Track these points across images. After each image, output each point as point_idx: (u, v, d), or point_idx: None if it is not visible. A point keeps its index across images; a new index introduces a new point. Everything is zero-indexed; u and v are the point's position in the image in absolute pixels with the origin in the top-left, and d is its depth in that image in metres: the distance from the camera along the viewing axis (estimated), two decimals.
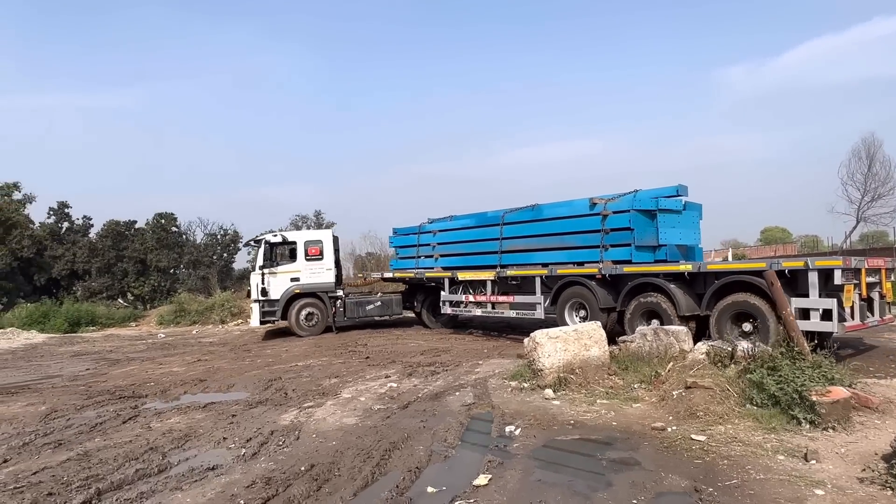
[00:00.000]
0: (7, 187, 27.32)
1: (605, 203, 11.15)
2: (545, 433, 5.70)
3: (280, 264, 15.47)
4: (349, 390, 8.15)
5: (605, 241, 11.10)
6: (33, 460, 5.60)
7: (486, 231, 13.91)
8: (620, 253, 10.90)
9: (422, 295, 16.30)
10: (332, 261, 15.73)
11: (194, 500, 4.38)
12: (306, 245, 15.61)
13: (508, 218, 13.26)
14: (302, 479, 4.70)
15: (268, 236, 15.62)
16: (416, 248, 15.99)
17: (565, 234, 11.93)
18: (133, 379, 10.11)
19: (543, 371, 7.66)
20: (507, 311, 13.04)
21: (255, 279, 15.17)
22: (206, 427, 6.52)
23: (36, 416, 7.42)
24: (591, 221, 11.42)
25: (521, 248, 12.93)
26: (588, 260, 11.41)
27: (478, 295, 13.70)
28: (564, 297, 11.63)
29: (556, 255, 12.08)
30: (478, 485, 4.39)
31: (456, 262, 14.64)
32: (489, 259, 13.56)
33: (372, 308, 16.04)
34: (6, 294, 26.49)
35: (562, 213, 12.22)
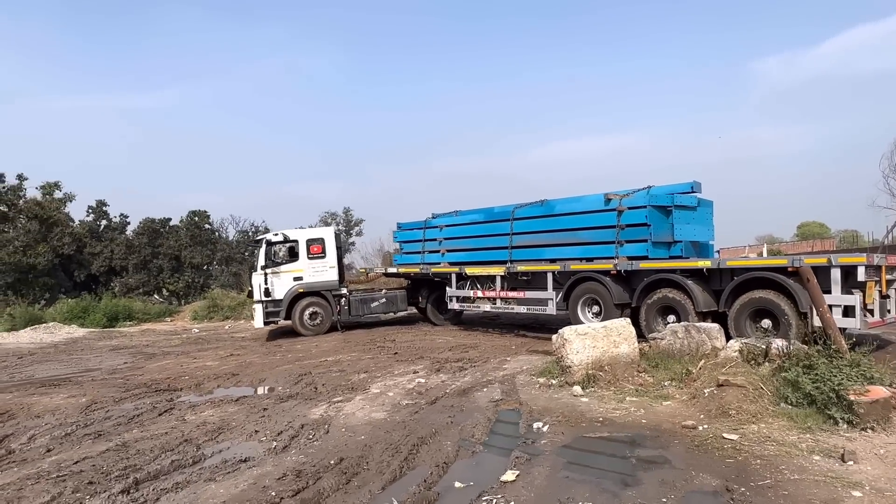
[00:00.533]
0: (49, 186, 28.20)
1: (620, 199, 11.11)
2: (573, 430, 5.67)
3: (282, 264, 15.17)
4: (378, 385, 8.23)
5: (620, 236, 11.06)
6: (75, 450, 5.80)
7: (495, 226, 13.81)
8: (636, 249, 10.85)
9: (426, 291, 16.21)
10: (335, 258, 15.52)
11: (227, 491, 4.49)
12: (308, 243, 15.35)
13: (519, 213, 13.20)
14: (331, 473, 4.77)
15: (268, 235, 15.42)
16: (421, 244, 15.86)
17: (578, 229, 11.92)
18: (168, 373, 10.37)
19: (572, 368, 7.61)
20: (518, 306, 12.99)
21: (258, 279, 14.90)
22: (238, 420, 6.66)
23: (77, 408, 7.68)
24: (605, 217, 11.41)
25: (531, 244, 12.85)
26: (602, 256, 11.38)
27: (486, 290, 13.63)
28: (577, 293, 11.64)
29: (569, 251, 12.03)
30: (505, 481, 4.40)
31: (463, 258, 14.55)
32: (498, 254, 13.48)
33: (377, 305, 15.89)
34: (48, 290, 27.40)
35: (575, 208, 12.16)
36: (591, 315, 11.50)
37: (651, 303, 10.36)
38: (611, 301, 10.87)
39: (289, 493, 4.35)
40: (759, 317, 9.07)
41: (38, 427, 6.77)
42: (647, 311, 10.38)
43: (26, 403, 8.16)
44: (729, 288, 9.40)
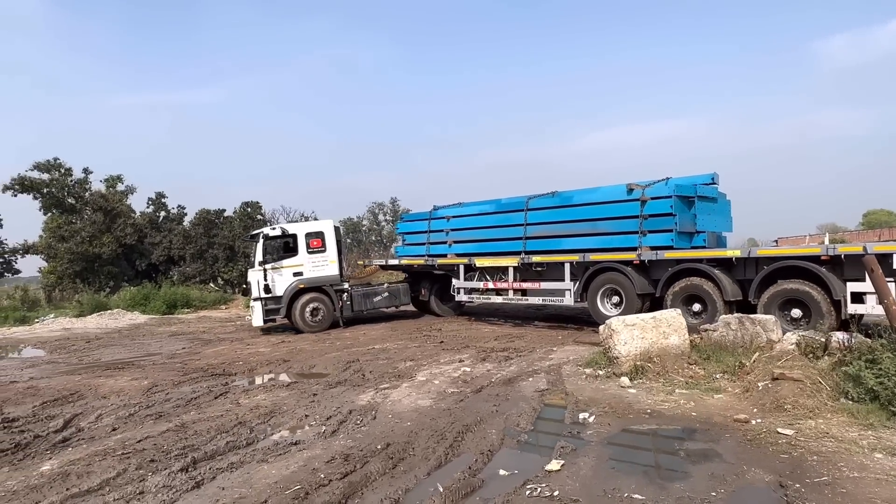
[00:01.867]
0: (112, 179, 29.55)
1: (643, 189, 11.01)
2: (620, 421, 5.60)
3: (280, 259, 14.44)
4: (424, 373, 8.32)
5: (643, 226, 10.93)
6: (137, 430, 6.11)
7: (507, 217, 13.62)
8: (659, 239, 10.74)
9: (428, 283, 15.97)
10: (335, 252, 14.82)
11: (279, 472, 4.64)
12: (307, 237, 14.58)
13: (533, 204, 13.04)
14: (378, 457, 4.87)
15: (265, 230, 14.71)
16: (426, 235, 15.60)
17: (598, 220, 11.79)
18: (223, 358, 10.76)
19: (619, 359, 7.50)
20: (532, 297, 12.84)
21: (256, 276, 14.13)
22: (289, 405, 6.86)
23: (139, 390, 8.07)
24: (627, 207, 11.24)
25: (547, 234, 12.68)
26: (623, 246, 11.26)
27: (498, 282, 13.44)
28: (596, 284, 11.54)
29: (587, 242, 11.88)
30: (550, 470, 4.39)
31: (473, 249, 14.28)
32: (511, 245, 13.28)
33: (379, 299, 15.42)
34: (112, 278, 28.78)
35: (593, 199, 12.07)
36: (611, 306, 11.46)
37: (675, 292, 10.31)
38: (633, 291, 10.83)
39: (337, 476, 4.46)
40: (790, 306, 9.01)
41: (104, 407, 7.16)
42: (672, 301, 10.30)
43: (93, 385, 8.62)
44: (759, 277, 9.35)
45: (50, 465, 5.10)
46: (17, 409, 7.26)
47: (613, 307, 11.36)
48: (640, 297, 10.84)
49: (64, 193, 27.96)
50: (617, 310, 11.19)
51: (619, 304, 11.25)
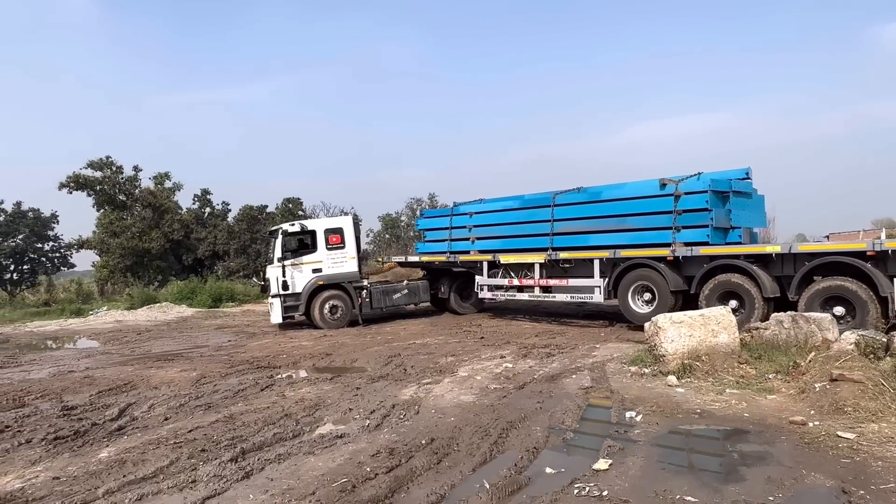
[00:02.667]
0: (160, 177, 30.49)
1: (676, 184, 10.78)
2: (668, 421, 5.46)
3: (299, 255, 14.25)
4: (465, 369, 8.30)
5: (677, 222, 10.69)
6: (188, 420, 6.27)
7: (532, 213, 13.37)
8: (694, 234, 10.52)
9: (447, 280, 15.68)
10: (354, 248, 14.64)
11: (325, 465, 4.70)
12: (326, 233, 14.35)
13: (560, 199, 12.81)
14: (423, 452, 4.87)
15: (284, 226, 14.48)
16: (447, 231, 15.35)
17: (628, 215, 11.57)
18: (268, 351, 10.98)
19: (666, 357, 7.33)
20: (560, 295, 12.59)
21: (275, 272, 13.86)
22: (333, 398, 6.94)
23: (188, 381, 8.30)
24: (659, 202, 11.01)
25: (575, 231, 12.44)
26: (654, 242, 11.05)
27: (523, 279, 13.20)
28: (627, 281, 11.33)
29: (617, 238, 11.67)
30: (598, 469, 4.32)
31: (497, 245, 14.04)
32: (537, 241, 13.03)
33: (399, 297, 15.18)
34: (161, 272, 29.72)
35: (624, 194, 11.82)
36: (642, 303, 11.26)
37: (711, 289, 10.08)
38: (666, 288, 10.63)
39: (383, 470, 4.49)
40: (832, 303, 8.76)
41: (156, 397, 7.38)
42: (707, 298, 10.06)
43: (145, 375, 8.91)
44: (801, 273, 9.08)
45: (107, 452, 5.29)
46: (76, 398, 7.56)
47: (645, 304, 11.19)
48: (674, 293, 10.64)
49: (115, 190, 28.97)
50: (648, 307, 11.04)
51: (650, 301, 11.07)
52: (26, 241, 31.51)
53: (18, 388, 8.34)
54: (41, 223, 31.84)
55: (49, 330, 17.58)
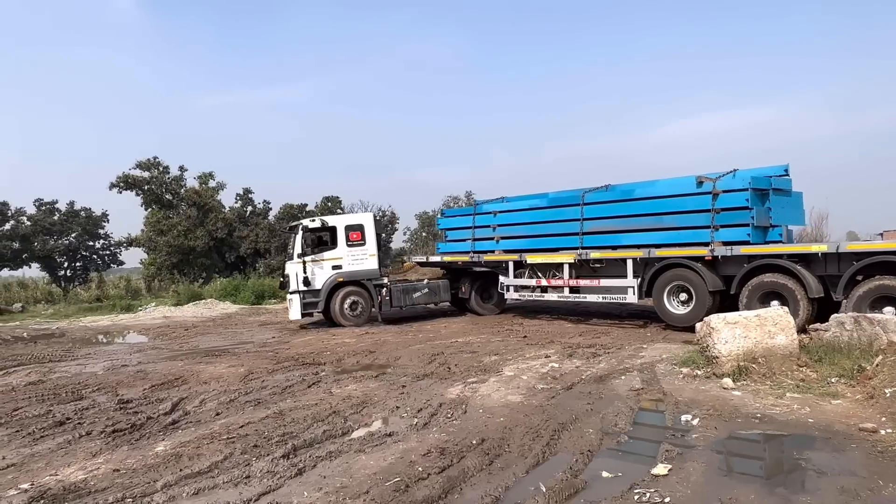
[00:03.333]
0: (205, 176, 31.20)
1: (714, 181, 10.50)
2: (727, 425, 5.27)
3: (320, 251, 14.06)
4: (510, 368, 8.21)
5: (715, 220, 10.42)
6: (239, 415, 6.36)
7: (561, 212, 13.06)
8: (734, 234, 10.28)
9: (468, 280, 15.34)
10: (375, 246, 14.49)
11: (377, 464, 4.68)
12: (347, 230, 14.23)
13: (589, 197, 12.52)
14: (474, 453, 4.81)
15: (305, 221, 14.39)
16: (471, 231, 15.05)
17: (663, 214, 11.28)
18: (312, 348, 11.09)
19: (719, 359, 7.10)
20: (591, 295, 12.31)
21: (295, 268, 13.81)
22: (379, 395, 6.94)
23: (237, 377, 8.43)
24: (696, 201, 10.76)
25: (606, 230, 12.15)
26: (691, 241, 10.76)
27: (551, 279, 12.92)
28: (662, 281, 11.06)
29: (651, 237, 11.40)
30: (657, 474, 4.18)
31: (523, 245, 13.72)
32: (566, 241, 12.73)
33: (419, 295, 14.99)
34: (205, 269, 30.44)
35: (658, 192, 11.57)
36: (678, 303, 11.02)
37: (752, 290, 9.85)
38: (704, 288, 10.38)
39: (435, 470, 4.44)
40: (882, 304, 8.45)
41: (206, 392, 7.52)
42: (748, 298, 9.82)
43: (195, 371, 9.10)
44: (849, 273, 8.82)
45: (163, 446, 5.39)
46: (130, 392, 7.76)
47: (681, 305, 10.96)
48: (712, 294, 10.39)
49: (162, 190, 29.77)
50: (685, 308, 10.84)
51: (686, 301, 10.85)
52: (79, 240, 32.67)
53: (76, 382, 8.61)
54: (92, 222, 32.96)
55: (101, 325, 18.18)
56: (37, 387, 8.39)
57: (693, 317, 10.51)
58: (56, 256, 31.67)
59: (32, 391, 8.06)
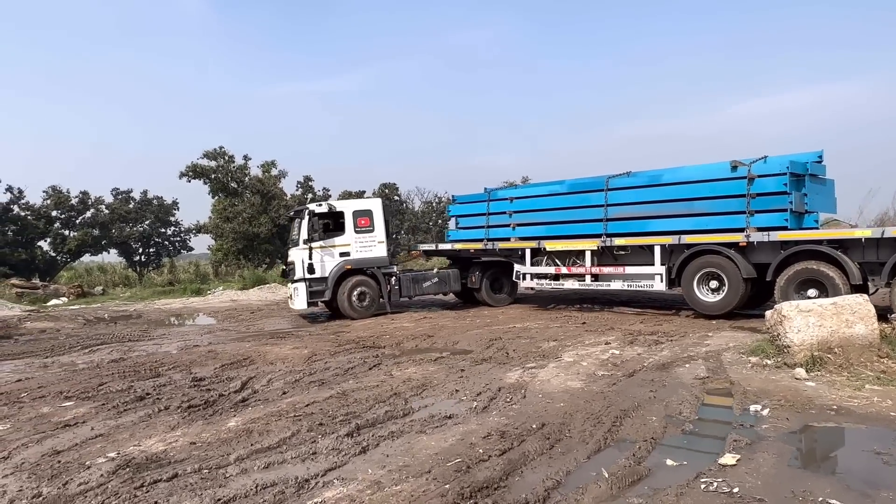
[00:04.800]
0: (267, 165, 32.14)
1: (749, 166, 10.15)
2: (800, 417, 5.06)
3: (326, 237, 13.43)
4: (569, 354, 8.13)
5: (750, 206, 10.15)
6: (304, 394, 6.59)
7: (583, 198, 12.69)
8: (770, 219, 10.06)
9: (478, 270, 14.79)
10: (384, 233, 13.95)
11: (438, 444, 4.76)
12: (355, 215, 13.65)
13: (614, 183, 12.11)
14: (534, 437, 4.82)
15: (312, 206, 13.64)
16: (484, 218, 14.59)
17: (694, 199, 10.97)
18: (371, 331, 11.32)
19: (791, 348, 6.80)
20: (615, 283, 11.95)
21: (300, 255, 13.11)
22: (439, 378, 7.03)
23: (301, 358, 8.72)
24: (730, 186, 10.49)
25: (632, 216, 11.78)
26: (723, 227, 10.51)
27: (572, 267, 12.55)
28: (692, 268, 10.76)
29: (680, 223, 11.10)
30: (725, 464, 4.06)
31: (541, 232, 13.33)
32: (588, 227, 12.34)
33: (429, 285, 14.50)
34: (269, 255, 31.48)
35: (687, 177, 11.29)
36: (708, 291, 10.70)
37: (789, 277, 9.60)
38: (738, 276, 10.13)
39: (496, 453, 4.47)
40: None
41: (272, 372, 7.82)
42: (785, 286, 9.59)
43: (261, 351, 9.46)
44: (894, 260, 8.70)
45: (235, 421, 5.65)
46: (202, 370, 8.16)
47: (711, 293, 10.68)
48: (745, 281, 10.11)
49: (228, 179, 30.87)
50: (716, 295, 10.59)
51: (717, 289, 10.59)
52: (152, 227, 34.42)
53: (153, 360, 9.13)
54: (164, 210, 34.63)
55: (174, 307, 19.14)
56: (118, 364, 8.93)
57: (725, 305, 10.39)
58: (131, 242, 33.50)
59: (115, 368, 8.59)
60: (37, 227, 29.78)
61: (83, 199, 31.33)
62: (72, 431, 5.58)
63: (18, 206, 29.42)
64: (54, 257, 31.30)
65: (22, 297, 21.98)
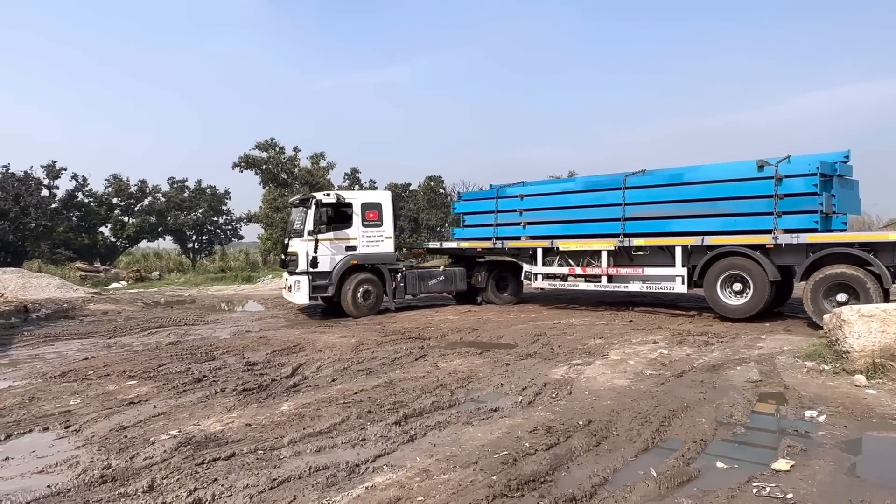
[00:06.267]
0: (316, 156, 32.74)
1: (776, 166, 9.85)
2: (859, 424, 4.90)
3: (333, 230, 12.62)
4: (616, 352, 8.07)
5: (778, 207, 9.89)
6: (352, 382, 6.75)
7: (598, 196, 12.35)
8: (800, 220, 9.77)
9: (484, 269, 14.40)
10: (392, 227, 13.41)
11: (484, 436, 4.82)
12: (363, 208, 12.97)
13: (632, 181, 11.76)
14: (581, 433, 4.82)
15: (319, 195, 12.83)
16: (493, 216, 14.09)
17: (718, 199, 10.69)
18: (416, 323, 11.46)
19: (851, 353, 6.58)
20: (633, 284, 11.59)
21: (304, 247, 12.32)
22: (484, 372, 7.09)
23: (349, 347, 8.92)
24: (756, 186, 10.24)
25: (652, 216, 11.44)
26: (750, 228, 10.24)
27: (586, 267, 12.19)
28: (715, 270, 10.46)
29: (703, 223, 10.82)
30: (777, 469, 3.99)
31: (554, 231, 12.92)
32: (604, 227, 11.98)
33: (435, 283, 13.98)
34: None
35: (714, 176, 10.97)
36: (731, 293, 10.41)
37: (818, 281, 9.35)
38: (764, 278, 9.92)
39: (542, 447, 4.51)
40: None
41: (322, 360, 8.03)
42: (814, 290, 9.35)
43: (310, 339, 9.72)
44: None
45: (287, 406, 5.86)
46: (255, 356, 8.44)
47: (735, 295, 10.38)
48: (773, 284, 9.88)
49: (278, 169, 31.60)
50: (739, 298, 10.31)
51: (741, 291, 10.29)
52: (205, 215, 35.55)
53: (208, 344, 9.49)
54: (217, 199, 35.71)
55: (226, 294, 19.80)
56: (176, 347, 9.34)
57: (750, 308, 10.13)
58: (185, 230, 34.68)
59: (172, 350, 8.98)
60: (98, 214, 31.18)
61: (141, 188, 32.60)
62: (136, 409, 5.89)
63: (83, 194, 30.85)
64: (114, 243, 32.70)
65: (85, 279, 23.14)
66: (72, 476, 4.21)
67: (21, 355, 9.13)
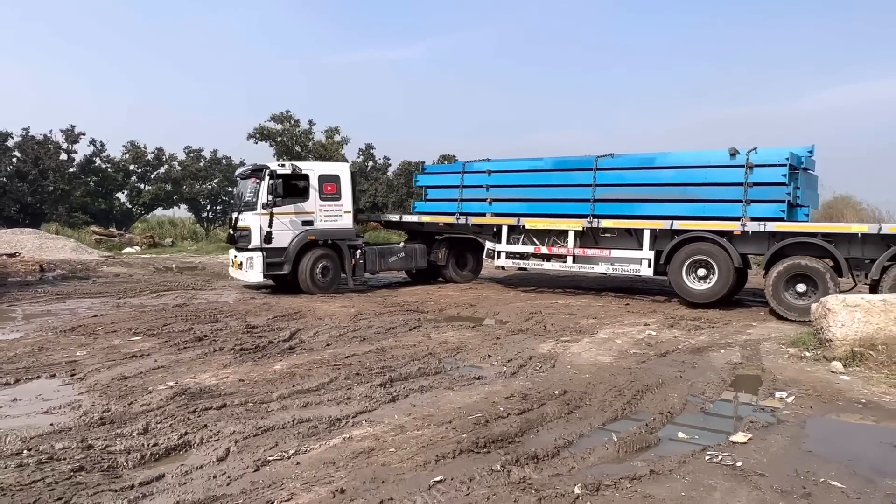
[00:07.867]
0: (331, 131, 32.91)
1: (748, 154, 10.00)
2: (825, 406, 5.08)
3: (288, 203, 11.73)
4: (606, 332, 8.26)
5: (747, 195, 10.02)
6: (345, 347, 7.03)
7: (569, 176, 12.23)
8: (767, 210, 9.94)
9: (444, 246, 14.02)
10: (351, 201, 12.82)
11: (462, 400, 5.07)
12: (321, 180, 12.20)
13: (604, 163, 11.69)
14: (555, 401, 5.05)
15: (272, 166, 11.90)
16: (458, 190, 13.60)
17: (689, 185, 10.80)
18: (417, 297, 11.70)
19: (833, 342, 6.71)
20: (599, 266, 11.55)
21: (257, 221, 11.43)
22: (474, 344, 7.33)
23: (347, 316, 9.19)
24: (728, 173, 10.38)
25: (622, 198, 11.47)
26: (719, 215, 10.35)
27: (552, 247, 12.02)
28: (682, 255, 10.54)
29: (673, 208, 10.83)
30: (735, 441, 4.19)
31: (521, 209, 12.64)
32: (574, 207, 11.83)
33: (395, 260, 13.56)
34: None
35: (685, 161, 11.03)
36: (695, 279, 10.49)
37: (780, 271, 9.50)
38: (729, 264, 10.06)
39: (515, 412, 4.75)
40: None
41: (319, 326, 8.32)
42: (776, 280, 9.50)
43: (311, 307, 10.01)
44: (887, 255, 8.75)
45: (280, 365, 6.15)
46: (256, 320, 8.75)
47: (699, 280, 10.48)
48: (735, 270, 10.07)
49: (293, 142, 31.82)
50: (703, 283, 10.45)
51: (705, 277, 10.41)
52: (220, 185, 35.96)
53: (213, 308, 9.83)
54: (232, 169, 36.03)
55: None
56: (182, 308, 9.68)
57: (713, 293, 10.26)
58: (200, 199, 35.13)
59: (178, 312, 9.31)
60: (115, 180, 31.69)
61: (158, 155, 33.00)
62: (138, 362, 6.22)
63: (100, 159, 31.33)
64: (130, 209, 33.27)
65: (100, 243, 23.66)
66: (73, 417, 4.53)
67: (34, 310, 9.53)
